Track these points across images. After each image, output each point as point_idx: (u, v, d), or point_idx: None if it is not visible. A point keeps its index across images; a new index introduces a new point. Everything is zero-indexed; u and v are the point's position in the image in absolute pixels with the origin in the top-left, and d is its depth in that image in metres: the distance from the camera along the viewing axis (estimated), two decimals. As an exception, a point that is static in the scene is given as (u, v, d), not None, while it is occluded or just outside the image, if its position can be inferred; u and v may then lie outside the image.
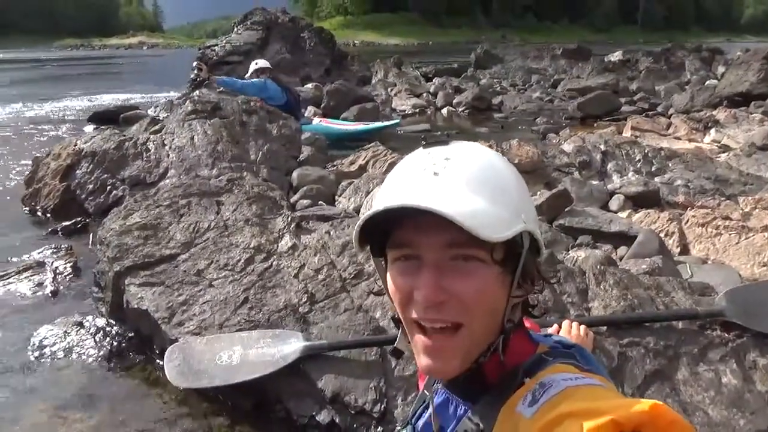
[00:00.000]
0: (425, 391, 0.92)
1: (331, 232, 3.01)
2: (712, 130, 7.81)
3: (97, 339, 2.85)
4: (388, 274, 0.79)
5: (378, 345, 2.30)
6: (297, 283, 2.73)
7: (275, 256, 2.91)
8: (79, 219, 4.69)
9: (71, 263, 3.76)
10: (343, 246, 2.88)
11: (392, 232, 0.75)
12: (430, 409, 0.88)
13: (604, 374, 0.79)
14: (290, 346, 2.32)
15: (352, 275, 2.73)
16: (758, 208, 4.12)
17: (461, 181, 0.72)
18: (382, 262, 0.82)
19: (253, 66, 7.36)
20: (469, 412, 0.78)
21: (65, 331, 2.91)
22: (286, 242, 2.99)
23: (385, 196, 0.75)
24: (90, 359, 2.73)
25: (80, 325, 2.96)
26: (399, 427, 0.99)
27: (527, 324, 1.03)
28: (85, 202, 4.96)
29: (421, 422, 0.91)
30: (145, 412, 2.38)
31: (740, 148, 6.79)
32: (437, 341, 0.73)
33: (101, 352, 2.77)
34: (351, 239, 2.47)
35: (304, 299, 2.63)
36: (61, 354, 2.78)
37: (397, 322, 0.83)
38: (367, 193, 4.58)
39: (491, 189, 0.73)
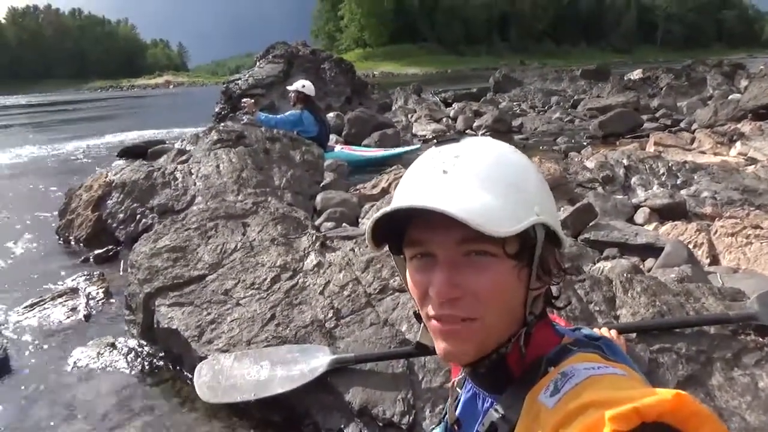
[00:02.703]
0: (457, 389, 0.93)
1: (356, 250, 3.04)
2: (738, 143, 7.69)
3: (129, 359, 2.90)
4: (407, 272, 0.80)
5: (405, 357, 2.30)
6: (323, 299, 2.76)
7: (301, 274, 2.95)
8: (111, 247, 4.81)
9: (103, 289, 3.85)
10: (368, 262, 2.91)
11: (407, 231, 0.77)
12: (459, 404, 0.89)
13: (632, 365, 0.78)
14: (318, 359, 2.33)
15: (377, 290, 2.75)
16: (789, 217, 4.03)
17: (469, 178, 0.73)
18: (403, 259, 0.82)
19: (298, 86, 7.31)
20: (495, 404, 0.78)
21: (98, 352, 2.98)
22: (311, 260, 3.03)
23: (397, 196, 0.77)
24: (122, 378, 2.78)
25: (112, 346, 3.02)
26: (433, 426, 0.99)
27: (561, 322, 1.03)
28: (116, 230, 5.09)
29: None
30: (176, 428, 2.40)
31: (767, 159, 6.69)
32: (453, 326, 0.74)
33: (133, 371, 2.82)
34: (374, 255, 2.49)
35: (330, 315, 2.65)
36: (94, 374, 2.84)
37: (418, 317, 0.83)
38: (390, 213, 4.61)
39: (500, 183, 0.73)
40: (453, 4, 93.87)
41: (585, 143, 9.45)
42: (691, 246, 3.81)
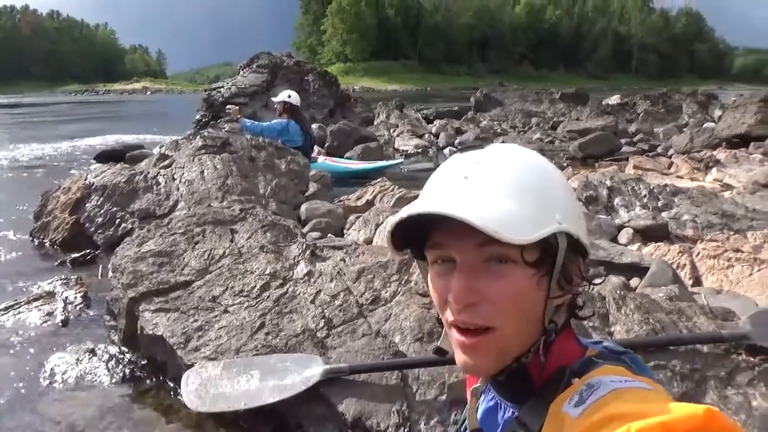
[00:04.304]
0: (474, 398, 0.91)
1: (346, 260, 3.01)
2: (714, 170, 7.89)
3: (110, 366, 2.80)
4: (429, 276, 0.80)
5: (400, 368, 2.27)
6: (314, 308, 2.71)
7: (291, 283, 2.90)
8: (88, 251, 4.68)
9: (81, 293, 3.73)
10: (359, 272, 2.88)
11: (430, 235, 0.77)
12: (479, 414, 0.87)
13: (657, 380, 0.78)
14: (310, 369, 2.28)
15: (369, 301, 2.71)
16: (767, 242, 4.13)
17: (489, 184, 0.73)
18: (426, 264, 0.82)
19: (284, 96, 7.27)
20: (516, 414, 0.77)
21: (77, 359, 2.87)
22: (301, 269, 2.98)
23: (419, 202, 0.77)
24: (103, 386, 2.68)
25: (92, 352, 2.92)
26: None
27: None
28: (94, 234, 4.96)
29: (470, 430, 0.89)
30: (159, 439, 2.32)
31: (743, 186, 6.86)
32: (471, 339, 0.74)
33: (114, 379, 2.72)
34: (366, 266, 2.46)
35: (322, 324, 2.61)
36: (73, 381, 2.73)
37: (440, 322, 0.82)
38: (377, 225, 4.59)
39: (520, 190, 0.73)
40: (436, 23, 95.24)
41: (565, 164, 9.59)
42: (674, 266, 3.86)
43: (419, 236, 0.78)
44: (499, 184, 0.73)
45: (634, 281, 3.69)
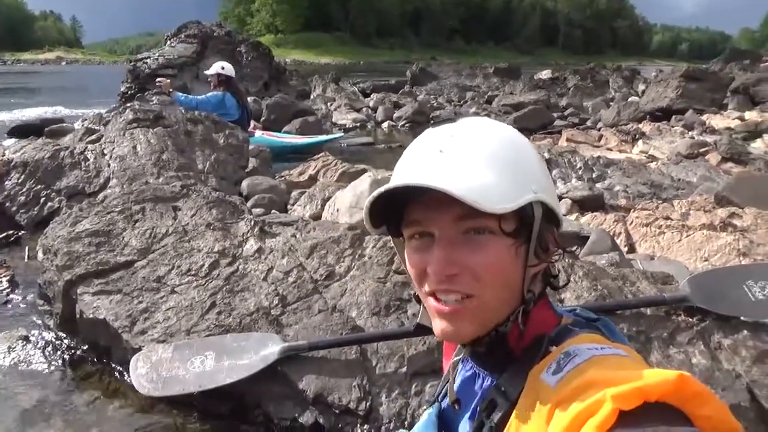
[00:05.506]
0: (450, 369, 0.91)
1: (297, 235, 2.95)
2: (640, 142, 8.30)
3: (47, 353, 2.63)
4: (405, 253, 0.79)
5: (358, 343, 2.26)
6: (266, 285, 2.64)
7: (241, 260, 2.81)
8: (11, 232, 4.36)
9: (7, 277, 3.48)
10: (311, 248, 2.82)
11: (406, 211, 0.76)
12: (456, 384, 0.87)
13: (630, 346, 0.80)
14: (268, 348, 2.23)
15: (324, 276, 2.67)
16: (692, 209, 4.38)
17: (465, 156, 0.73)
18: (401, 241, 0.82)
19: (217, 68, 6.95)
20: (495, 382, 0.78)
21: (9, 347, 2.67)
22: (251, 246, 2.90)
23: (394, 177, 0.77)
24: (41, 373, 2.52)
25: (26, 339, 2.73)
26: (425, 407, 0.97)
27: None
28: (16, 214, 4.62)
29: (447, 400, 0.89)
30: (107, 425, 2.21)
31: (667, 157, 7.25)
32: (450, 305, 0.74)
33: (53, 366, 2.56)
34: (318, 241, 2.42)
35: (276, 302, 2.55)
36: (7, 370, 2.54)
37: (418, 299, 0.83)
38: (323, 200, 4.53)
39: (496, 161, 0.73)
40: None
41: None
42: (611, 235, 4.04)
43: (394, 214, 0.77)
44: (475, 156, 0.73)
45: (575, 250, 3.84)
